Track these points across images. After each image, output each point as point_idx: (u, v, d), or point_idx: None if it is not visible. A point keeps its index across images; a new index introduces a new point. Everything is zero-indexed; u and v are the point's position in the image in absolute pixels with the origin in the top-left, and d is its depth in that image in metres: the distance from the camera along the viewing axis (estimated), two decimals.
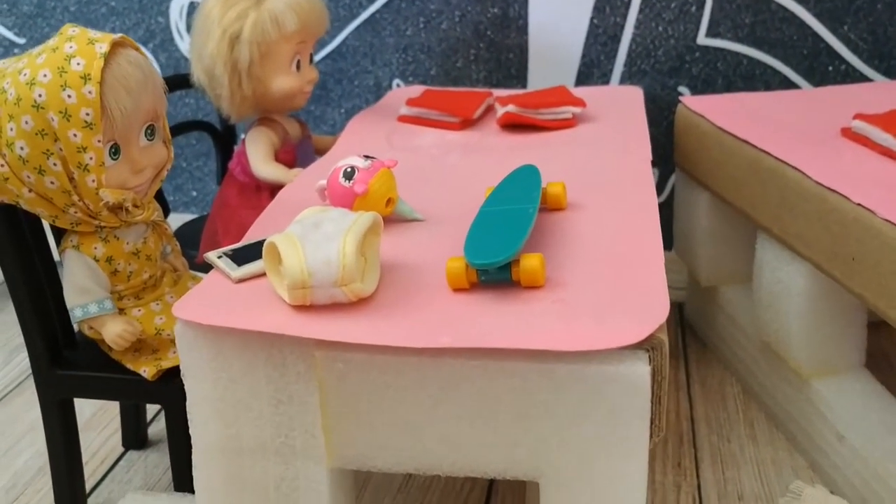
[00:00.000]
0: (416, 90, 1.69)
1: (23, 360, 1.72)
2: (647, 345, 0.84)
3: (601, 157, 1.30)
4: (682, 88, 1.80)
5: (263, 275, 0.95)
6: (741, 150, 1.39)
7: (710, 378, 1.59)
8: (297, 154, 1.51)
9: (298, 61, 1.45)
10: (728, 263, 1.59)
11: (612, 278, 0.93)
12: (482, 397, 0.86)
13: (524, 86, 1.86)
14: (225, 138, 1.69)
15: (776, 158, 1.30)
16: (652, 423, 0.86)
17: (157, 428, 1.49)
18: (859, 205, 1.11)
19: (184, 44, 1.98)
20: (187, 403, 0.93)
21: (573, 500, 0.89)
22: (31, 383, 1.62)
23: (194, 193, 2.09)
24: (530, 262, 0.91)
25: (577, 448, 0.87)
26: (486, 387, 0.86)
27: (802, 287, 1.27)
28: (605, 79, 1.82)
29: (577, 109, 1.48)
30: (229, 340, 0.89)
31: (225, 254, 0.97)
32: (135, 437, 1.44)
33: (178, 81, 1.45)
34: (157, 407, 1.54)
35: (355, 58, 1.91)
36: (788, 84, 1.76)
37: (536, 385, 0.85)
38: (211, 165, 2.05)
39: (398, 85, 1.91)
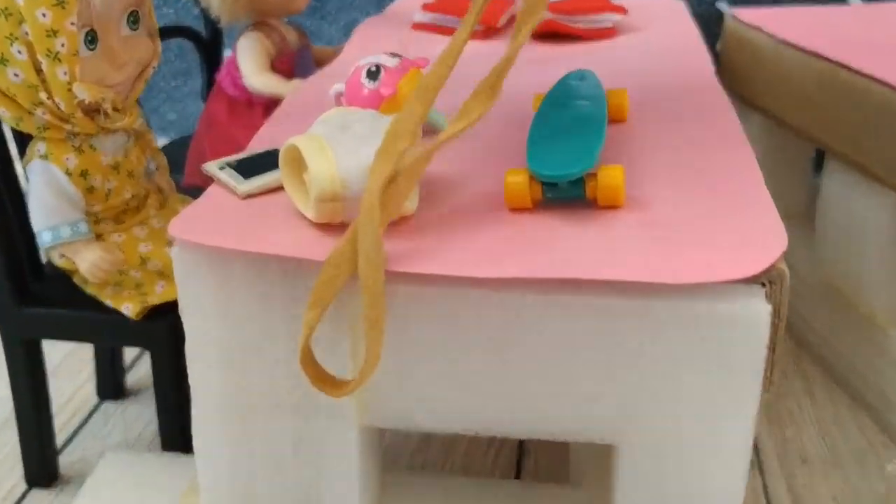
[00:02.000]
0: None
1: None
2: (763, 278, 0.67)
3: (656, 68, 1.12)
4: (720, 3, 1.62)
5: (278, 189, 0.77)
6: (809, 64, 1.22)
7: None
8: (295, 64, 1.32)
9: None
10: (782, 196, 1.41)
11: (705, 198, 0.77)
12: (556, 340, 0.69)
13: None
14: (211, 48, 1.49)
15: (856, 72, 1.13)
16: (764, 375, 0.70)
17: (137, 375, 1.31)
18: None
19: None
20: (186, 347, 0.76)
21: (660, 468, 0.73)
22: None
23: (173, 116, 1.89)
24: (610, 176, 0.74)
25: (672, 404, 0.70)
26: (563, 327, 0.69)
27: (884, 222, 1.11)
28: None
29: (617, 17, 1.30)
30: (239, 267, 0.72)
31: (228, 164, 0.79)
32: (111, 385, 1.27)
33: None
34: (136, 351, 1.35)
35: None
36: (841, 3, 1.59)
37: (626, 326, 0.68)
38: (192, 85, 1.84)
39: None
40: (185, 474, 0.91)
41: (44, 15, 0.83)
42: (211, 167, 0.79)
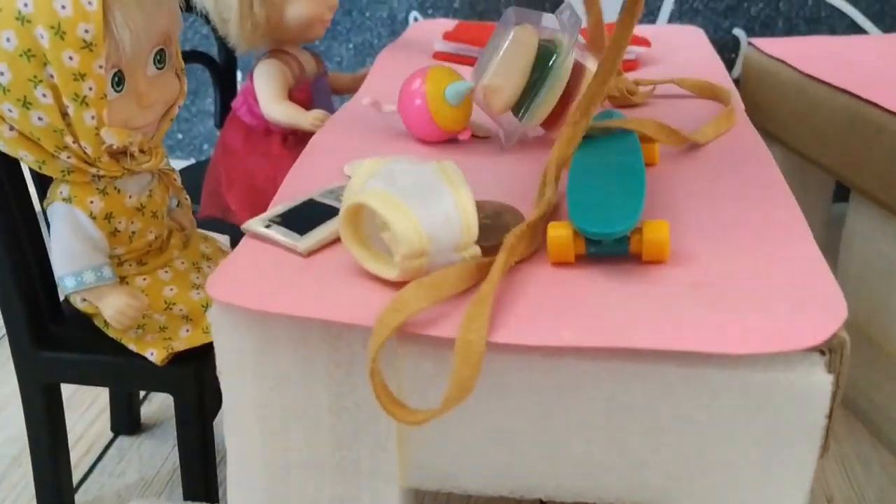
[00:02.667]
0: (445, 24, 1.48)
1: None
2: (824, 346, 0.66)
3: (682, 104, 1.11)
4: (737, 31, 1.61)
5: (332, 243, 0.75)
6: (834, 100, 1.21)
7: None
8: (312, 92, 1.30)
9: None
10: None
11: (753, 255, 0.75)
12: (608, 406, 0.68)
13: None
14: (225, 73, 1.46)
15: (886, 111, 1.11)
16: (823, 440, 0.68)
17: (152, 408, 1.29)
18: None
19: None
20: (224, 408, 0.74)
21: None
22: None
23: (180, 136, 1.86)
24: (656, 232, 0.72)
25: (725, 471, 0.69)
26: (615, 393, 0.67)
27: None
28: (651, 17, 1.63)
29: (640, 49, 1.29)
30: (281, 329, 0.69)
31: (272, 221, 0.77)
32: (126, 419, 1.24)
33: None
34: None
35: None
36: (856, 28, 1.59)
37: (680, 392, 0.67)
38: (199, 104, 1.82)
39: (415, 19, 1.69)
40: None
41: (71, 58, 0.80)
42: (255, 227, 0.76)
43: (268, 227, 0.76)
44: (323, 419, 0.72)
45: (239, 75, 1.50)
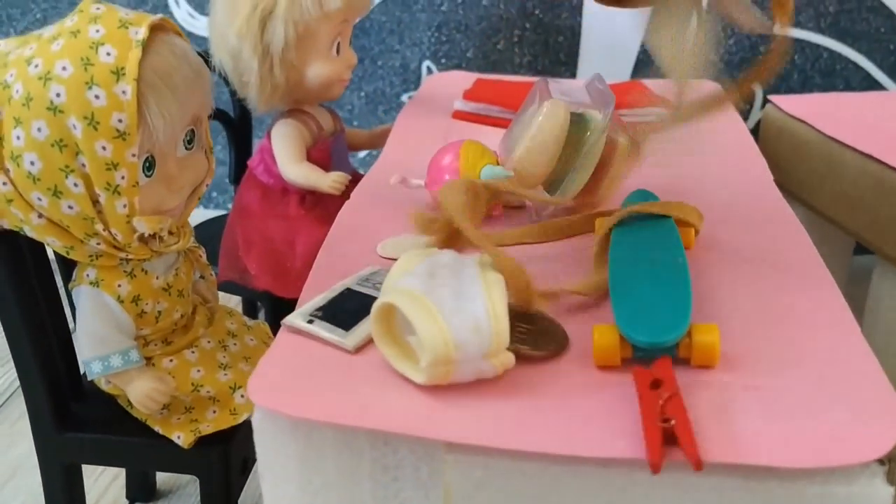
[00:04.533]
0: (459, 78, 1.47)
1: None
2: (885, 458, 0.65)
3: (713, 176, 1.10)
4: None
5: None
6: (858, 163, 1.20)
7: None
8: (331, 152, 1.29)
9: (338, 44, 1.22)
10: None
11: (801, 352, 0.74)
12: None
13: (573, 74, 1.65)
14: (241, 130, 1.45)
15: None
16: None
17: (166, 476, 1.27)
18: None
19: (180, 11, 1.73)
20: None
21: None
22: (12, 409, 1.39)
23: None
24: (706, 336, 0.71)
25: None
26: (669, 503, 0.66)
27: None
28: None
29: (660, 110, 1.28)
30: (326, 433, 0.68)
31: (313, 315, 0.75)
32: (142, 487, 1.22)
33: None
34: None
35: (381, 35, 1.68)
36: (871, 82, 1.59)
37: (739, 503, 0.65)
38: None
39: (428, 68, 1.69)
40: None
41: (104, 148, 0.79)
42: (298, 322, 0.74)
43: (310, 321, 0.74)
44: None
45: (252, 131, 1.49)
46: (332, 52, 1.22)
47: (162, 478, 1.26)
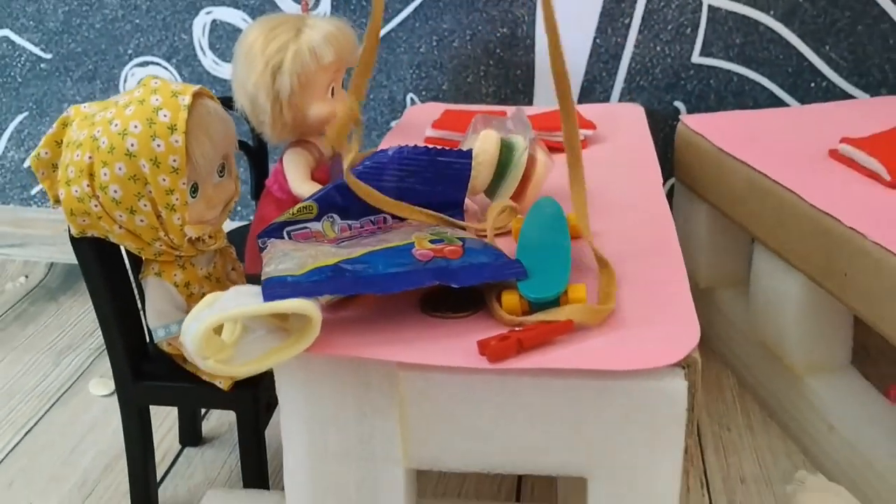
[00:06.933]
0: (434, 108, 1.82)
1: (71, 363, 1.84)
2: (683, 363, 0.99)
3: (614, 182, 1.44)
4: (677, 103, 1.95)
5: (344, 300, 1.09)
6: (739, 169, 1.55)
7: (707, 372, 1.75)
8: (330, 172, 1.64)
9: (333, 88, 1.57)
10: (725, 268, 1.75)
11: (644, 303, 1.08)
12: (541, 408, 1.01)
13: (530, 101, 1.99)
14: (259, 156, 1.81)
15: (773, 180, 1.45)
16: (687, 428, 1.01)
17: (210, 425, 1.62)
18: (851, 228, 1.26)
19: (206, 59, 2.09)
20: (281, 417, 1.07)
21: (618, 493, 1.04)
22: (83, 385, 1.75)
23: None
24: (577, 294, 1.05)
25: (623, 450, 1.02)
26: (545, 400, 1.00)
27: (796, 295, 1.43)
28: (605, 94, 1.97)
29: (588, 132, 1.63)
30: (320, 364, 1.03)
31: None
32: (191, 433, 1.58)
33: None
34: None
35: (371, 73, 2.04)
36: (775, 99, 1.92)
37: (588, 398, 1.00)
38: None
39: (412, 99, 2.04)
40: (269, 501, 1.22)
41: (164, 180, 1.14)
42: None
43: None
44: (350, 422, 1.05)
45: (270, 159, 1.85)
46: (327, 95, 1.56)
47: (206, 427, 1.61)
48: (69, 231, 1.21)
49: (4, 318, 2.03)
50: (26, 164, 2.24)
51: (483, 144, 1.32)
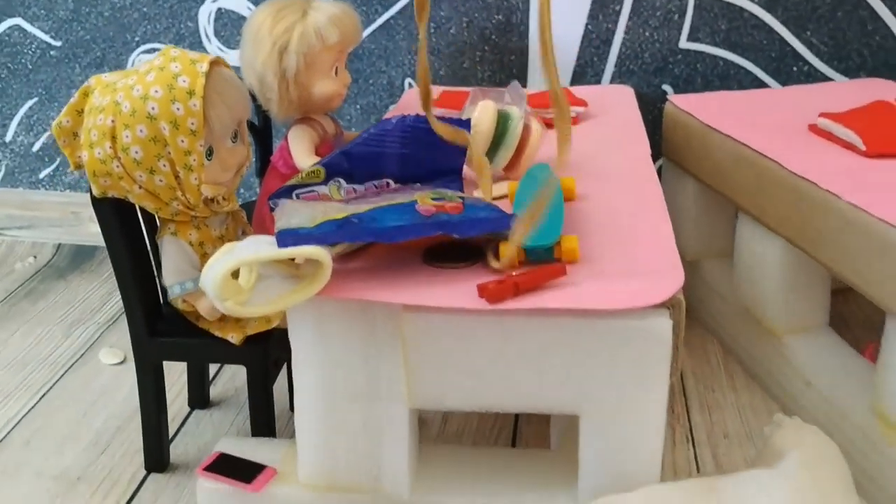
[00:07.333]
0: (432, 90, 1.90)
1: (81, 335, 1.91)
2: (668, 304, 1.07)
3: (605, 153, 1.52)
4: (665, 86, 2.03)
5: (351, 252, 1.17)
6: (724, 143, 1.63)
7: (693, 339, 1.82)
8: (333, 148, 1.71)
9: (336, 68, 1.65)
10: (710, 240, 1.83)
11: (633, 252, 1.16)
12: (536, 348, 1.09)
13: (524, 84, 2.07)
14: (264, 135, 1.89)
15: (755, 151, 1.53)
16: (672, 365, 1.09)
17: (217, 390, 1.69)
18: (827, 191, 1.35)
19: (212, 46, 2.17)
20: (292, 360, 1.14)
21: (608, 428, 1.12)
22: (93, 355, 1.82)
23: None
24: (570, 243, 1.13)
25: (612, 387, 1.09)
26: (539, 339, 1.08)
27: (777, 259, 1.51)
28: (597, 78, 2.05)
29: (580, 109, 1.71)
30: (330, 308, 1.10)
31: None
32: (199, 397, 1.64)
33: None
34: (216, 368, 1.76)
35: (371, 59, 2.11)
36: (758, 83, 2.00)
37: (580, 337, 1.07)
38: None
39: (410, 84, 2.12)
40: (278, 448, 1.29)
41: (182, 141, 1.22)
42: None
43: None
44: (357, 363, 1.12)
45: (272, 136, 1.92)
46: (331, 74, 1.64)
47: (213, 392, 1.68)
48: (90, 192, 1.28)
49: (15, 295, 2.10)
50: (35, 149, 2.31)
51: (481, 114, 1.40)
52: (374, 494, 1.20)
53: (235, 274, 1.08)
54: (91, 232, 2.28)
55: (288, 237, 1.09)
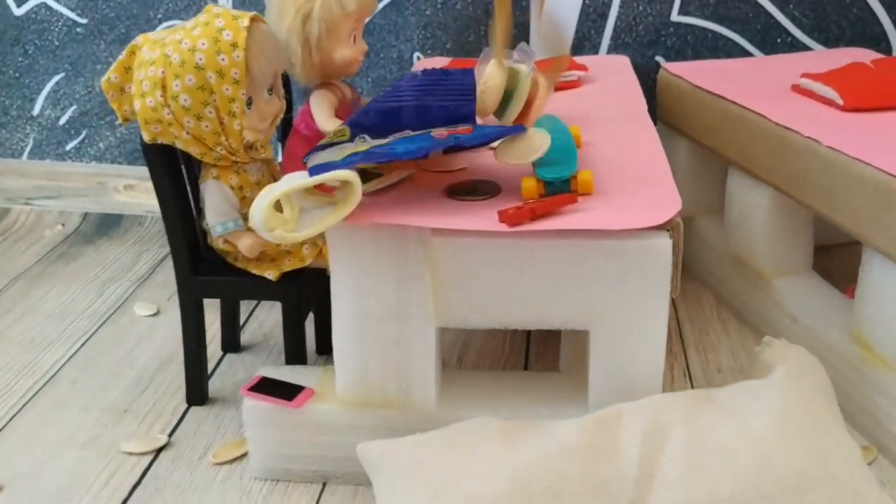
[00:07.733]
0: (439, 62, 2.03)
1: (114, 291, 2.03)
2: (668, 226, 1.20)
3: (606, 108, 1.66)
4: (658, 58, 2.17)
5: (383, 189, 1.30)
6: (714, 102, 1.76)
7: (688, 291, 1.96)
8: (350, 112, 1.84)
9: (354, 36, 1.78)
10: (702, 198, 1.97)
11: (636, 185, 1.29)
12: (550, 268, 1.22)
13: None
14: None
15: (743, 107, 1.67)
16: (672, 282, 1.22)
17: (247, 336, 1.82)
18: (809, 137, 1.48)
19: None
20: (331, 283, 1.27)
21: (616, 341, 1.25)
22: (127, 309, 1.95)
23: None
24: (585, 175, 1.26)
25: (619, 302, 1.23)
26: (553, 259, 1.21)
27: (764, 207, 1.65)
28: (594, 50, 2.19)
29: (581, 73, 1.84)
30: (366, 235, 1.23)
31: None
32: (231, 341, 1.77)
33: None
34: (247, 314, 1.88)
35: (381, 34, 2.25)
36: (745, 53, 2.14)
37: (590, 256, 1.21)
38: None
39: (418, 57, 2.25)
40: (314, 373, 1.41)
41: (227, 89, 1.35)
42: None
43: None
44: (389, 285, 1.25)
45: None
46: (350, 41, 1.76)
47: (244, 338, 1.81)
48: (141, 139, 1.41)
49: (48, 258, 2.22)
50: (62, 122, 2.43)
51: (492, 70, 1.53)
52: (404, 409, 1.32)
53: (279, 208, 1.21)
54: (116, 201, 2.41)
55: (319, 169, 1.22)
